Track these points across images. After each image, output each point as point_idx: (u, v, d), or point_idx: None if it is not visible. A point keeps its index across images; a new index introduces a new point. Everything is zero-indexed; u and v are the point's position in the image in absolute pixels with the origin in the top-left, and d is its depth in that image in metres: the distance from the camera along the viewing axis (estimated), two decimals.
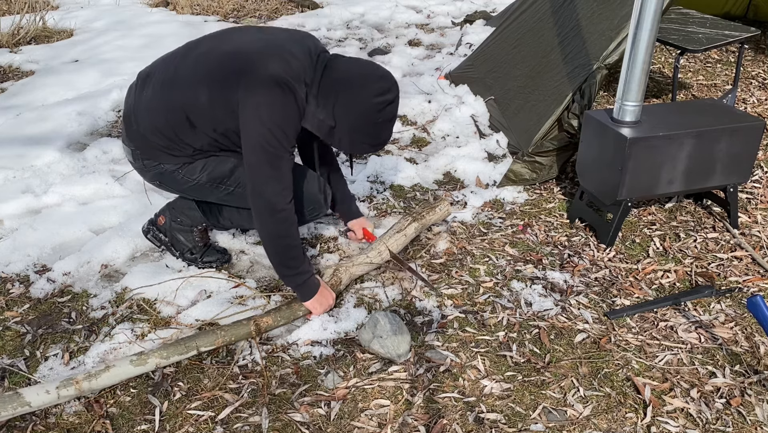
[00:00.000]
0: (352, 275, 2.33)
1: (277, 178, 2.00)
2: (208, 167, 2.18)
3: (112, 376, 1.87)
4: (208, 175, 2.19)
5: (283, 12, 5.80)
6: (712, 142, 2.49)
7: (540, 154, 2.95)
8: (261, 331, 2.08)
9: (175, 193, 2.37)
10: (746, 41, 3.51)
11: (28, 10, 5.31)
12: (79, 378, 1.82)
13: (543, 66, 3.17)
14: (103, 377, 1.85)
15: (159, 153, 2.15)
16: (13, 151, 3.18)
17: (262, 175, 1.98)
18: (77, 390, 1.82)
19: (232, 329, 2.04)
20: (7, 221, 2.68)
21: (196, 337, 1.99)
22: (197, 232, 2.41)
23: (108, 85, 4.03)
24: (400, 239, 2.47)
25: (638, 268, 2.47)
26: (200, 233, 2.42)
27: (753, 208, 2.83)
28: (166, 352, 1.94)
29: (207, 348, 1.99)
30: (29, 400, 1.77)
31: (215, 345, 2.00)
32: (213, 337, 2.00)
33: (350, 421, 1.83)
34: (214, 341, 2.00)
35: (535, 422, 1.82)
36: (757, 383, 1.95)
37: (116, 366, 1.88)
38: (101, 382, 1.85)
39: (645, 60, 2.34)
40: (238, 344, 2.08)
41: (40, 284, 2.33)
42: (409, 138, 3.43)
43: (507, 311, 2.24)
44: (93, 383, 1.84)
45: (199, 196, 2.30)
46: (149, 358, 1.92)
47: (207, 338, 1.99)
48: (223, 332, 2.02)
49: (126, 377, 1.90)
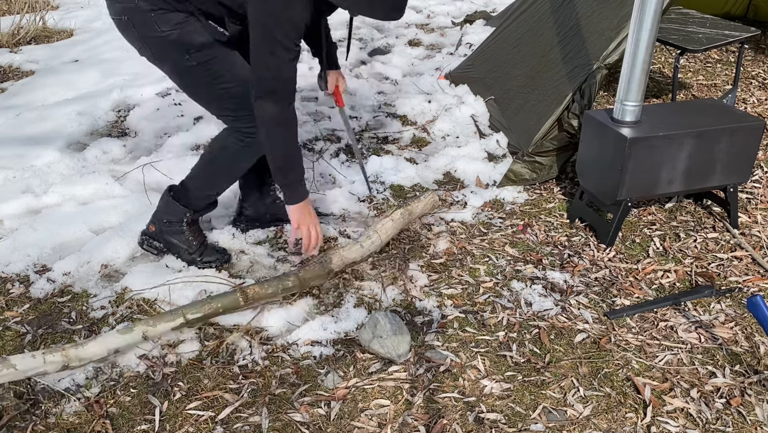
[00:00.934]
0: (343, 257, 2.33)
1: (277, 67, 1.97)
2: (182, 26, 2.06)
3: (99, 344, 1.87)
4: (179, 35, 2.06)
5: None
6: (712, 142, 2.49)
7: (540, 154, 2.95)
8: (248, 299, 2.07)
9: (146, 50, 2.19)
10: (746, 41, 3.50)
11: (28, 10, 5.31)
12: (66, 345, 1.84)
13: (543, 66, 3.17)
14: (90, 345, 1.86)
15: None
16: (13, 151, 3.18)
17: (264, 58, 1.95)
18: (64, 357, 1.82)
19: (219, 298, 2.05)
20: (7, 221, 2.68)
21: (182, 307, 2.00)
22: (187, 229, 2.38)
23: (108, 85, 4.03)
24: (387, 223, 2.48)
25: (638, 268, 2.47)
26: (191, 231, 2.39)
27: (753, 208, 2.83)
28: (152, 321, 1.95)
29: (194, 316, 1.99)
30: (15, 363, 1.78)
31: (202, 313, 2.01)
32: (199, 305, 2.01)
33: (350, 421, 1.83)
34: (201, 308, 2.01)
35: (535, 422, 1.82)
36: (757, 383, 1.95)
37: (103, 335, 1.89)
38: (88, 350, 1.86)
39: (645, 60, 2.34)
40: (238, 344, 2.08)
41: (40, 284, 2.33)
42: (409, 138, 3.43)
43: (507, 311, 2.24)
44: (80, 350, 1.85)
45: (167, 67, 2.19)
46: (136, 327, 1.93)
47: (194, 307, 2.00)
48: (211, 300, 2.03)
49: (113, 346, 1.91)
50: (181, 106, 3.72)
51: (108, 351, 1.91)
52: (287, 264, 2.46)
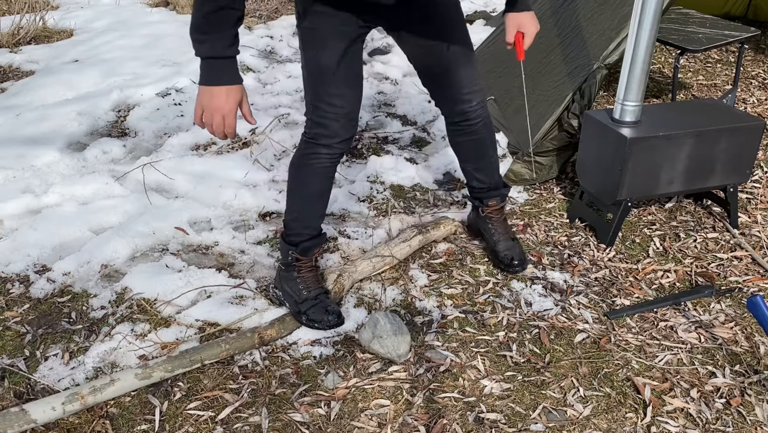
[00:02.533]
0: (355, 281, 2.33)
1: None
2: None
3: (117, 390, 1.88)
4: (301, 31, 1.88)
5: (283, 12, 5.80)
6: (712, 142, 2.49)
7: (540, 154, 2.95)
8: (264, 342, 2.08)
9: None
10: (746, 41, 3.50)
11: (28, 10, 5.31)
12: (84, 393, 1.83)
13: (543, 66, 3.17)
14: (107, 391, 1.86)
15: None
16: (13, 151, 3.18)
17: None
18: (82, 405, 1.83)
19: (235, 342, 2.05)
20: (7, 221, 2.68)
21: (200, 350, 2.00)
22: (298, 275, 2.15)
23: (108, 85, 4.03)
24: (405, 248, 2.47)
25: (638, 268, 2.47)
26: (303, 278, 2.14)
27: (753, 208, 2.83)
28: (170, 366, 1.95)
29: (211, 361, 2.01)
30: (35, 417, 1.78)
31: (219, 357, 2.02)
32: (217, 350, 2.01)
33: (350, 421, 1.83)
34: (219, 353, 2.01)
35: (535, 422, 1.82)
36: (757, 383, 1.95)
37: (121, 380, 1.89)
38: (106, 395, 1.86)
39: (645, 60, 2.34)
40: None
41: (40, 284, 2.33)
42: (409, 138, 3.43)
43: (507, 311, 2.24)
44: (98, 396, 1.85)
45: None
46: (154, 372, 1.93)
47: (211, 351, 2.01)
48: (227, 345, 2.03)
49: (130, 389, 1.91)
50: (181, 106, 3.72)
51: (125, 393, 1.92)
52: None
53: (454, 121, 2.25)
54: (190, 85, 3.99)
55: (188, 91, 3.92)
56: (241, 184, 2.94)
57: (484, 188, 2.41)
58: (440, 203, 2.87)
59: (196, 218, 2.71)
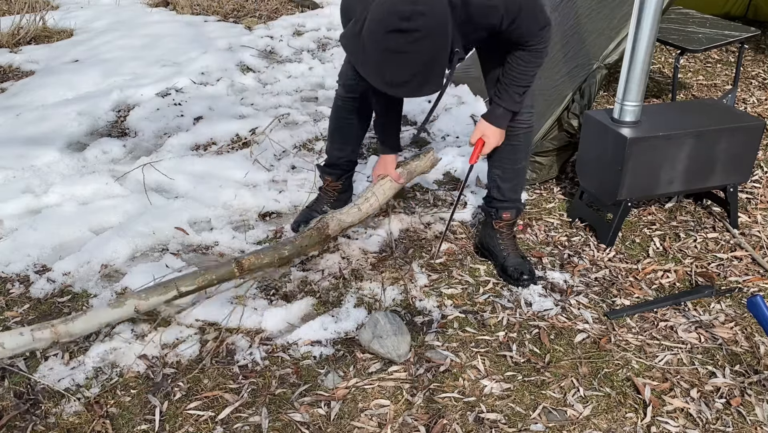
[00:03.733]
0: (341, 221, 2.28)
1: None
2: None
3: (90, 319, 1.79)
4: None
5: (283, 12, 5.80)
6: (712, 142, 2.49)
7: (540, 154, 2.94)
8: (244, 270, 1.99)
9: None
10: (746, 41, 3.50)
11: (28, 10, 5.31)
12: (55, 322, 1.75)
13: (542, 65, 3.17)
14: (80, 321, 1.78)
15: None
16: (13, 151, 3.18)
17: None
18: (53, 333, 1.75)
19: (213, 270, 1.97)
20: (7, 221, 2.68)
21: (175, 279, 1.92)
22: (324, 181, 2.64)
23: (108, 85, 4.03)
24: (386, 184, 2.46)
25: (638, 268, 2.47)
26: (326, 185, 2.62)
27: (753, 208, 2.83)
28: (144, 294, 1.87)
29: (187, 288, 1.91)
30: (2, 340, 1.73)
31: (196, 285, 1.93)
32: (193, 277, 1.93)
33: (350, 421, 1.83)
34: (195, 280, 1.93)
35: (535, 422, 1.82)
36: (757, 383, 1.95)
37: (93, 309, 1.80)
38: (78, 326, 1.78)
39: (645, 60, 2.34)
40: (238, 344, 2.08)
41: (40, 284, 2.33)
42: (409, 138, 3.43)
43: (507, 311, 2.24)
44: (70, 326, 1.77)
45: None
46: (127, 300, 1.84)
47: (187, 279, 1.92)
48: (205, 272, 1.94)
49: (105, 321, 1.82)
50: (181, 106, 3.72)
51: (99, 325, 1.82)
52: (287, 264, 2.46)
53: None
54: (190, 85, 3.99)
55: (188, 91, 3.92)
56: (241, 184, 2.94)
57: (501, 199, 2.43)
58: (440, 203, 2.87)
59: (196, 217, 2.71)
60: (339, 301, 2.27)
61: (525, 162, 2.40)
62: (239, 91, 4.00)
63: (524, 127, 2.29)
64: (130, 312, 1.84)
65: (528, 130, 2.30)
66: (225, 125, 3.44)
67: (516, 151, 2.34)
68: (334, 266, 2.44)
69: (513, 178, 2.40)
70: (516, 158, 2.35)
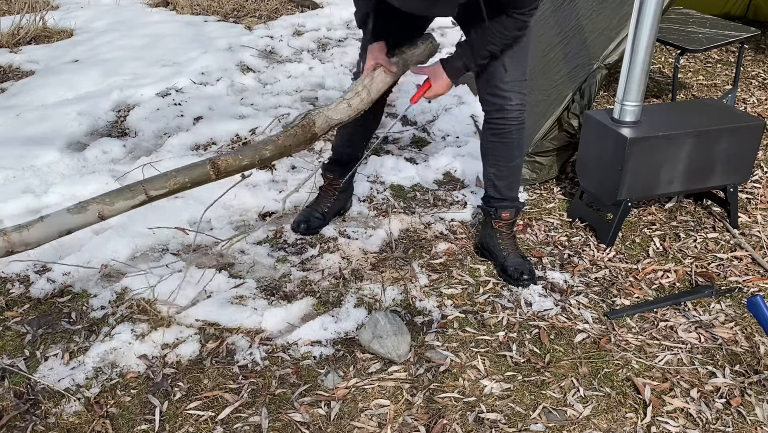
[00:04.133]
0: (329, 119, 2.03)
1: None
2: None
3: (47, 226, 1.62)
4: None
5: (283, 12, 5.80)
6: (712, 142, 2.49)
7: (540, 154, 2.94)
8: (220, 172, 1.77)
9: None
10: (746, 41, 3.50)
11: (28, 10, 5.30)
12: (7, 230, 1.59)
13: (542, 66, 3.17)
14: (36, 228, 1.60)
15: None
16: (13, 151, 3.18)
17: None
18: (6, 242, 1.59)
19: (185, 171, 1.76)
20: (7, 221, 2.68)
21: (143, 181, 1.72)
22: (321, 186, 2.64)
23: (108, 85, 4.03)
24: (378, 75, 2.17)
25: (638, 268, 2.47)
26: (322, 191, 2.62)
27: (753, 208, 2.83)
28: (109, 198, 1.68)
29: (157, 192, 1.72)
30: None
31: (167, 188, 1.74)
32: (164, 180, 1.73)
33: (350, 421, 1.83)
34: (166, 183, 1.73)
35: (535, 422, 1.82)
36: (757, 383, 1.95)
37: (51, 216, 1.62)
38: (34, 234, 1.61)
39: (645, 60, 2.34)
40: (238, 344, 2.08)
41: (40, 284, 2.33)
42: (409, 138, 3.43)
43: (507, 311, 2.24)
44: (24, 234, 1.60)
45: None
46: (89, 205, 1.66)
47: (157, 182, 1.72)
48: (176, 173, 1.74)
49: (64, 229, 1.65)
50: (181, 106, 3.72)
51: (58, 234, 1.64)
52: (287, 264, 2.46)
53: (492, 118, 2.29)
54: (190, 85, 3.99)
55: (188, 91, 3.92)
56: (241, 184, 2.94)
57: (499, 198, 2.42)
58: (440, 203, 2.87)
59: (196, 218, 2.71)
60: (339, 301, 2.27)
61: (520, 159, 2.39)
62: (239, 91, 4.00)
63: (515, 123, 2.28)
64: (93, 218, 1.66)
65: (519, 126, 2.29)
66: (225, 125, 3.44)
67: (509, 149, 2.33)
68: (334, 266, 2.44)
69: (509, 176, 2.39)
70: (510, 156, 2.35)
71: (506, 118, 2.25)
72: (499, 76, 2.20)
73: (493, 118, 2.29)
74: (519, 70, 2.22)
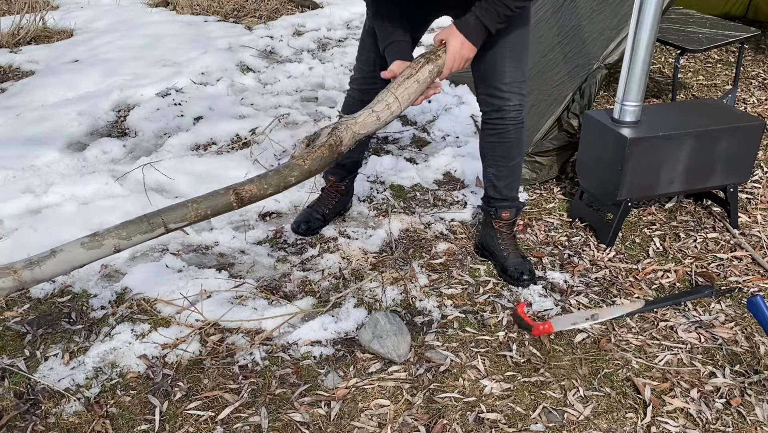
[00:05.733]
0: (356, 134, 1.86)
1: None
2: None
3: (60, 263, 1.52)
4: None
5: (283, 12, 5.80)
6: (712, 142, 2.49)
7: (540, 154, 2.95)
8: (243, 202, 1.68)
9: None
10: (746, 41, 3.51)
11: (28, 10, 5.31)
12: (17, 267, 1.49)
13: (543, 65, 3.17)
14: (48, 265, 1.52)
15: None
16: (13, 151, 3.18)
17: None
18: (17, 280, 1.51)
19: (207, 201, 1.65)
20: (7, 221, 2.68)
21: (162, 212, 1.61)
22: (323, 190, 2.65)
23: (108, 85, 4.03)
24: (413, 86, 1.93)
25: (638, 268, 2.47)
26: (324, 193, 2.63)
27: (753, 208, 2.83)
28: (125, 231, 1.58)
29: (177, 224, 1.61)
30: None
31: (187, 221, 1.63)
32: (184, 211, 1.62)
33: (350, 421, 1.83)
34: (186, 215, 1.62)
35: (535, 422, 1.82)
36: (757, 383, 1.95)
37: (64, 251, 1.53)
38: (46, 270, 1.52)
39: (645, 60, 2.34)
40: (238, 344, 2.08)
41: (40, 284, 2.33)
42: (409, 138, 3.43)
43: (507, 311, 2.24)
44: (36, 271, 1.51)
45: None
46: (105, 239, 1.56)
47: (176, 213, 1.61)
48: (196, 204, 1.63)
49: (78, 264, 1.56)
50: (181, 106, 3.72)
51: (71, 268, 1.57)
52: (287, 264, 2.46)
53: (490, 118, 2.28)
54: (190, 85, 3.99)
55: (188, 91, 3.92)
56: None
57: (499, 198, 2.42)
58: (440, 203, 2.87)
59: None
60: (339, 301, 2.27)
61: (519, 159, 2.38)
62: (239, 91, 4.00)
63: (513, 124, 2.27)
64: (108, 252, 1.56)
65: (519, 126, 2.28)
66: (225, 125, 3.45)
67: (508, 149, 2.33)
68: (334, 266, 2.44)
69: (508, 176, 2.39)
70: (510, 155, 2.35)
71: (504, 118, 2.25)
72: (498, 77, 2.20)
73: (491, 119, 2.28)
74: (518, 71, 2.21)
